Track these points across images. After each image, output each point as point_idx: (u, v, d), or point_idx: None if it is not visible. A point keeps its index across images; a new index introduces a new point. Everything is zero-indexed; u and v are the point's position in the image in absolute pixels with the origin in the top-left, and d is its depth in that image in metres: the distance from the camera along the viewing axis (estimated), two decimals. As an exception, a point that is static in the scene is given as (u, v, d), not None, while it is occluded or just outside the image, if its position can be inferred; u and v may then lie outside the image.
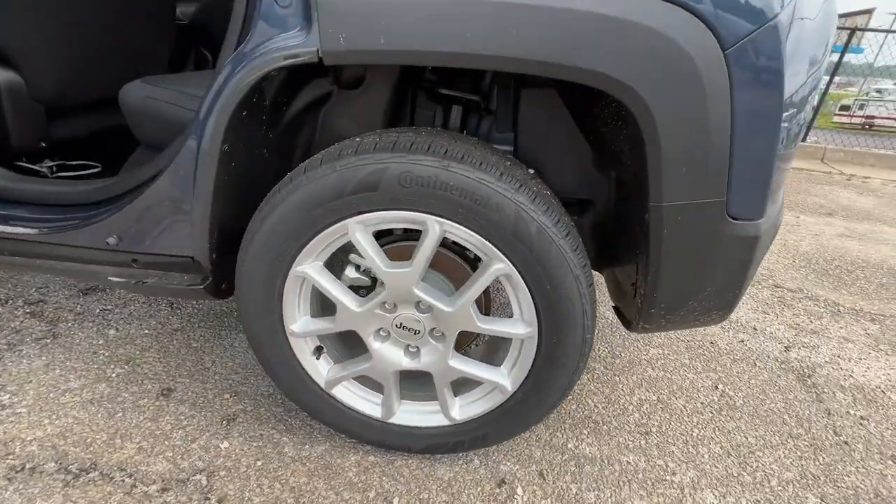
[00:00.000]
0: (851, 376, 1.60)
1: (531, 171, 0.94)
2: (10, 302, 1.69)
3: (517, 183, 0.83)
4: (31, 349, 1.46)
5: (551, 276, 0.87)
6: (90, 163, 1.60)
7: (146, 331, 1.59)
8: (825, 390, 1.52)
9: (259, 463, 1.13)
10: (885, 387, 1.56)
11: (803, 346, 1.76)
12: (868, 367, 1.66)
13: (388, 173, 0.82)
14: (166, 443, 1.17)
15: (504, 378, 1.01)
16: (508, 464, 1.17)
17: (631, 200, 0.93)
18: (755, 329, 1.86)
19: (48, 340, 1.50)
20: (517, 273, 0.88)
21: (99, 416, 1.24)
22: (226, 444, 1.18)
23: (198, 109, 0.89)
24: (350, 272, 1.04)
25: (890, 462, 1.26)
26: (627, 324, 1.09)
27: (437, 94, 1.07)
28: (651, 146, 0.72)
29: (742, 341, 1.76)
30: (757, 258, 0.87)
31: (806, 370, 1.62)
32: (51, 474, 1.07)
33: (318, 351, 1.08)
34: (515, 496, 1.09)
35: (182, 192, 0.96)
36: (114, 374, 1.38)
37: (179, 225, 1.01)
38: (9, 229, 1.11)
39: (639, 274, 0.96)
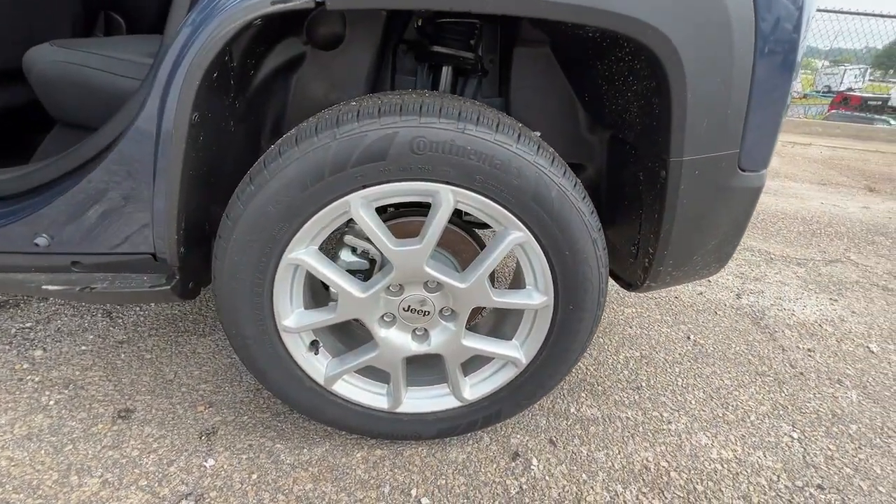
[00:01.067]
0: (794, 315, 1.79)
1: (537, 133, 0.90)
2: None
3: (535, 145, 0.78)
4: (-69, 385, 1.19)
5: (570, 241, 0.84)
6: (-22, 153, 1.30)
7: (83, 347, 1.36)
8: (776, 329, 1.68)
9: (255, 476, 1.02)
10: (820, 321, 1.76)
11: (751, 293, 1.93)
12: (805, 306, 1.86)
13: (398, 139, 0.73)
14: (136, 471, 1.01)
15: (518, 351, 0.99)
16: (518, 436, 1.16)
17: (636, 160, 0.92)
18: (709, 281, 2.01)
19: (-48, 372, 1.23)
20: (535, 240, 0.84)
21: (42, 452, 1.04)
22: (211, 461, 1.04)
23: (150, 74, 0.74)
24: (346, 256, 0.94)
25: (838, 385, 1.42)
26: (627, 285, 1.10)
27: (424, 53, 0.98)
28: (677, 98, 0.71)
29: (700, 293, 1.90)
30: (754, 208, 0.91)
31: (757, 314, 1.78)
32: (-8, 531, 0.88)
33: (314, 346, 0.98)
34: (531, 466, 1.08)
35: (136, 175, 0.80)
36: (51, 402, 1.17)
37: (133, 216, 0.85)
38: None
39: (641, 234, 0.97)
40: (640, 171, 0.91)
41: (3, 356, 1.30)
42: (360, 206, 0.79)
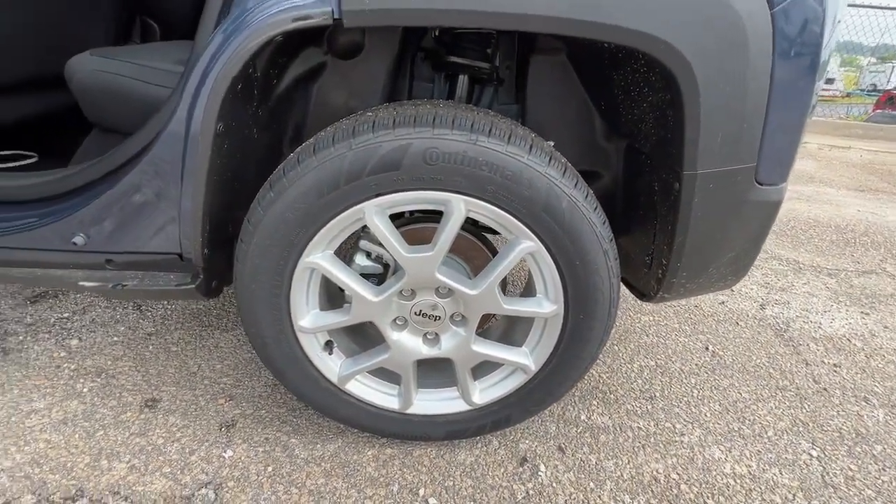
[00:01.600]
0: (820, 328, 1.73)
1: (551, 142, 0.91)
2: (-58, 317, 1.47)
3: (547, 156, 0.79)
4: (-21, 369, 1.28)
5: (581, 252, 0.84)
6: (24, 153, 1.39)
7: (115, 338, 1.44)
8: (800, 343, 1.63)
9: (270, 469, 1.06)
10: (849, 335, 1.70)
11: (776, 304, 1.87)
12: (833, 319, 1.79)
13: (411, 150, 0.75)
14: (161, 458, 1.07)
15: (527, 358, 0.99)
16: (527, 442, 1.17)
17: (651, 170, 0.91)
18: (732, 290, 1.96)
19: (-2, 357, 1.32)
20: (545, 250, 0.85)
21: (76, 436, 1.11)
22: (229, 452, 1.09)
23: (180, 84, 0.78)
24: (361, 260, 0.97)
25: (864, 403, 1.37)
26: (641, 295, 1.09)
27: (441, 62, 1.00)
28: (690, 112, 0.70)
29: (722, 303, 1.86)
30: (773, 222, 0.89)
31: (781, 325, 1.73)
32: (30, 508, 0.95)
33: (329, 346, 1.01)
34: (539, 473, 1.09)
35: (165, 180, 0.85)
36: (85, 389, 1.24)
37: (162, 218, 0.90)
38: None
39: (655, 245, 0.96)
40: (655, 181, 0.90)
41: (43, 344, 1.39)
42: (375, 213, 0.82)
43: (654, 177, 0.91)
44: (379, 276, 1.00)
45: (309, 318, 0.94)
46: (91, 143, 1.15)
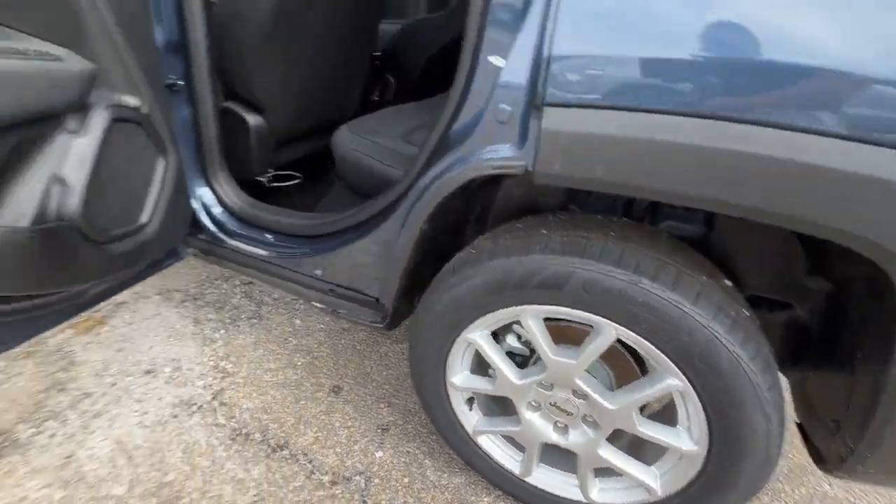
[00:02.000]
0: None
1: (727, 282, 0.87)
2: (230, 280, 2.15)
3: (714, 308, 0.78)
4: (245, 326, 1.86)
5: (738, 407, 0.80)
6: (294, 174, 1.92)
7: (321, 325, 1.89)
8: None
9: (406, 480, 1.29)
10: None
11: None
12: None
13: (573, 278, 0.83)
14: (335, 438, 1.40)
15: (655, 481, 0.98)
16: (640, 553, 1.14)
17: (854, 337, 0.79)
18: None
19: (255, 321, 1.89)
20: (694, 392, 0.84)
21: (288, 399, 1.53)
22: (380, 453, 1.36)
23: (404, 187, 1.02)
24: (511, 341, 1.10)
25: None
26: (817, 458, 0.95)
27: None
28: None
29: (969, 478, 1.39)
30: None
31: None
32: (258, 443, 1.38)
33: (470, 402, 1.18)
34: (645, 593, 1.06)
35: (380, 248, 1.12)
36: (299, 363, 1.69)
37: (372, 272, 1.18)
38: (248, 248, 1.41)
39: (846, 416, 0.83)
40: (857, 350, 0.79)
41: (280, 318, 1.92)
42: (530, 316, 0.93)
43: (856, 345, 0.79)
44: (524, 356, 1.11)
45: (460, 377, 1.11)
46: (334, 195, 1.55)
